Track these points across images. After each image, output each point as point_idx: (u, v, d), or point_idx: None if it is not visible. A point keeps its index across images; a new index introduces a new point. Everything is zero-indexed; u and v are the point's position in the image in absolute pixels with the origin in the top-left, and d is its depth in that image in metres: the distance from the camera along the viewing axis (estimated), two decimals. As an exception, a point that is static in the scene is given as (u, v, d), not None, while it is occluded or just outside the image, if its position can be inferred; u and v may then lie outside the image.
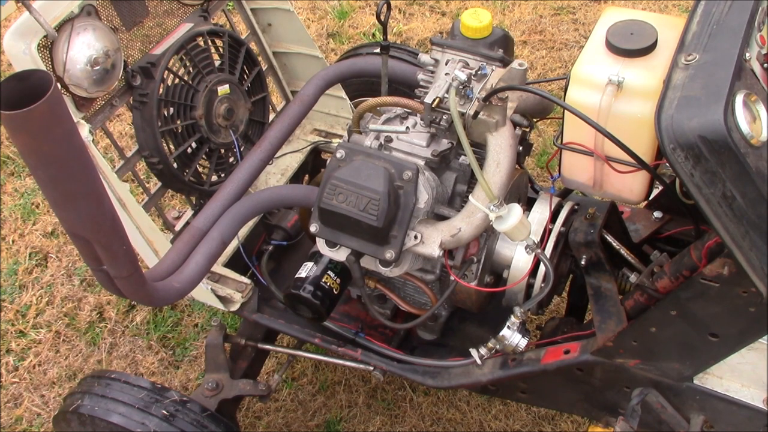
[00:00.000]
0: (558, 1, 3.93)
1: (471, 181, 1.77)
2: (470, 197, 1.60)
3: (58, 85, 1.36)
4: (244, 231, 2.23)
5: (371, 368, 1.99)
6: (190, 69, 2.11)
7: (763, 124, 1.23)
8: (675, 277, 1.55)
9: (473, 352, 1.80)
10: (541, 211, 1.80)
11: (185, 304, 2.82)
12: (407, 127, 1.73)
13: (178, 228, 2.24)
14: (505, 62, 1.72)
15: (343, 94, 2.49)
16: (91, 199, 1.29)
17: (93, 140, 1.78)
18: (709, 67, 1.28)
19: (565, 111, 1.54)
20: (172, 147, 2.10)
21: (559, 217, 1.79)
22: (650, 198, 1.74)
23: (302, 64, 2.49)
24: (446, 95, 1.61)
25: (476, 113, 1.59)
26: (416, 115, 1.78)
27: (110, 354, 2.71)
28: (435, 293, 1.86)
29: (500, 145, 1.63)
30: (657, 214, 1.84)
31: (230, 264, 2.17)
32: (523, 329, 1.73)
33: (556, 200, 1.83)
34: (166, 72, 2.03)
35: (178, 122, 2.08)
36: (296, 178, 2.45)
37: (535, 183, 2.05)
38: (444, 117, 1.66)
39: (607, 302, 1.69)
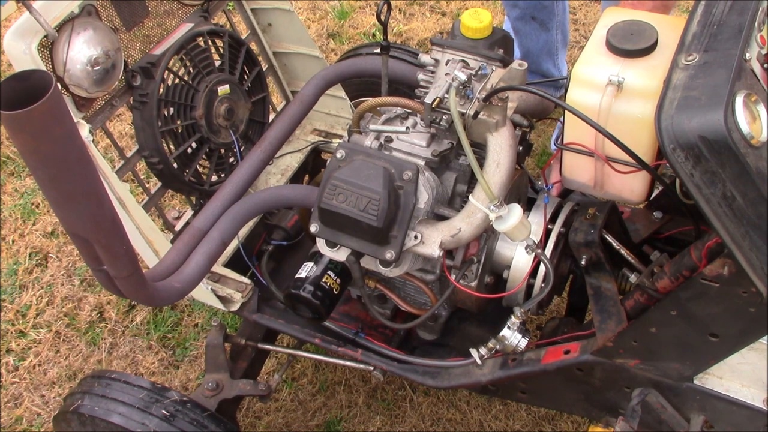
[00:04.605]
0: (558, 1, 3.92)
1: (471, 181, 1.77)
2: (470, 197, 1.60)
3: (58, 85, 1.36)
4: (244, 231, 2.23)
5: (371, 368, 1.99)
6: (190, 69, 2.11)
7: (763, 124, 1.23)
8: (675, 277, 1.55)
9: (473, 352, 1.80)
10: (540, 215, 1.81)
11: (185, 304, 2.82)
12: (407, 127, 1.73)
13: (178, 228, 2.24)
14: (505, 62, 1.72)
15: (343, 94, 2.49)
16: (91, 199, 1.29)
17: (93, 140, 1.78)
18: (709, 67, 1.28)
19: (566, 111, 1.54)
20: (172, 147, 2.10)
21: (559, 217, 1.79)
22: (650, 198, 1.75)
23: (302, 64, 2.49)
24: (446, 95, 1.61)
25: (476, 113, 1.59)
26: (416, 115, 1.78)
27: (110, 354, 2.71)
28: (435, 293, 1.86)
29: (500, 145, 1.63)
30: (657, 214, 1.85)
31: (230, 264, 2.17)
32: (523, 329, 1.73)
33: (555, 201, 1.83)
34: (166, 72, 2.03)
35: (178, 122, 2.08)
36: (296, 178, 2.45)
37: (535, 183, 2.06)
38: (444, 117, 1.66)
39: (607, 302, 1.69)
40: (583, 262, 1.73)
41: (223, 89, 2.16)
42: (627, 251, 1.74)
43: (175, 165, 2.10)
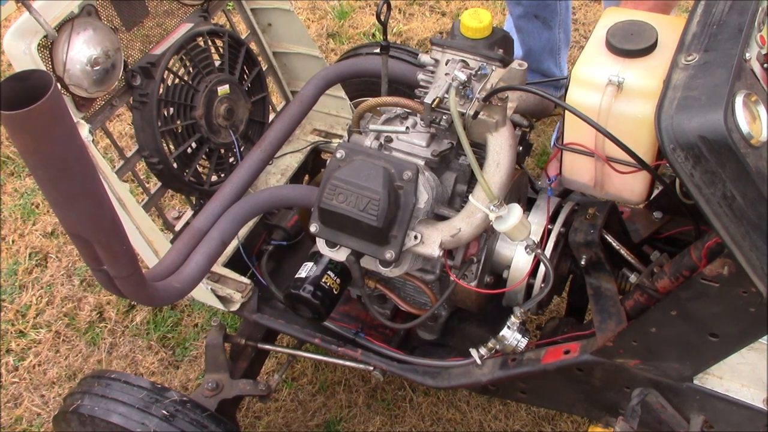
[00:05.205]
0: (558, 1, 3.92)
1: (471, 181, 1.77)
2: (470, 197, 1.60)
3: (58, 85, 1.36)
4: (244, 231, 2.23)
5: (371, 368, 1.99)
6: (190, 69, 2.11)
7: (763, 124, 1.23)
8: (675, 277, 1.55)
9: (473, 352, 1.80)
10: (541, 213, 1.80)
11: (185, 304, 2.82)
12: (407, 127, 1.73)
13: (178, 228, 2.24)
14: (505, 62, 1.72)
15: (343, 94, 2.49)
16: (91, 199, 1.29)
17: (93, 140, 1.78)
18: (709, 67, 1.28)
19: (566, 111, 1.54)
20: (172, 147, 2.10)
21: (559, 217, 1.79)
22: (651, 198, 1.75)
23: (302, 64, 2.49)
24: (446, 95, 1.61)
25: (476, 113, 1.59)
26: (416, 115, 1.78)
27: (110, 354, 2.71)
28: (435, 293, 1.86)
29: (500, 145, 1.63)
30: (657, 214, 1.85)
31: (230, 264, 2.17)
32: (523, 329, 1.73)
33: (555, 201, 1.83)
34: (166, 72, 2.03)
35: (178, 122, 2.08)
36: (296, 178, 2.45)
37: (535, 183, 2.06)
38: (444, 117, 1.66)
39: (607, 302, 1.69)
40: (583, 262, 1.73)
41: (223, 89, 2.16)
42: (627, 251, 1.74)
43: (175, 165, 2.10)
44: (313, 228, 1.67)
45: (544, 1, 3.00)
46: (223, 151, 2.25)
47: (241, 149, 2.26)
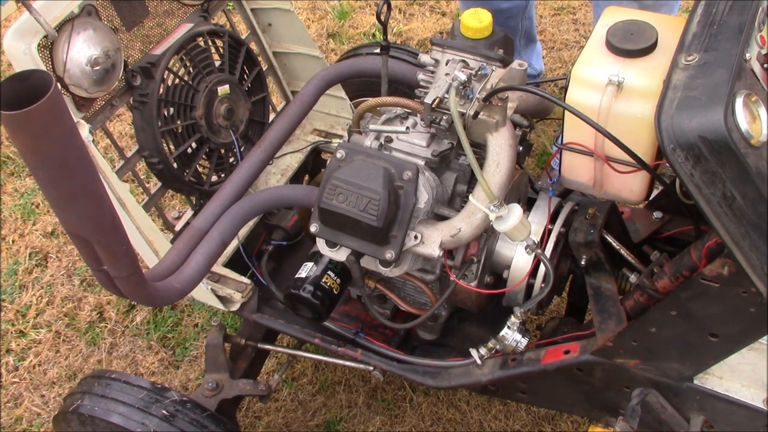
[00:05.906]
0: (558, 1, 3.93)
1: (471, 181, 1.77)
2: (470, 197, 1.60)
3: (58, 85, 1.36)
4: (244, 231, 2.23)
5: (371, 368, 1.99)
6: (190, 69, 2.11)
7: (763, 124, 1.23)
8: (675, 277, 1.55)
9: (473, 352, 1.80)
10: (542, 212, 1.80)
11: (185, 304, 2.82)
12: (407, 127, 1.73)
13: (178, 228, 2.24)
14: (505, 62, 1.72)
15: (343, 94, 2.49)
16: (91, 199, 1.29)
17: (93, 140, 1.78)
18: (709, 67, 1.28)
19: (565, 111, 1.54)
20: (172, 147, 2.10)
21: (559, 217, 1.79)
22: (650, 198, 1.75)
23: (302, 64, 2.49)
24: (446, 95, 1.61)
25: (476, 113, 1.59)
26: (416, 116, 1.78)
27: (110, 354, 2.71)
28: (435, 293, 1.86)
29: (500, 145, 1.63)
30: (657, 214, 1.85)
31: (230, 264, 2.17)
32: (523, 329, 1.73)
33: (555, 201, 1.83)
34: (166, 72, 2.03)
35: (178, 122, 2.08)
36: (296, 178, 2.45)
37: (535, 183, 2.06)
38: (444, 117, 1.66)
39: (607, 302, 1.69)
40: (583, 262, 1.73)
41: (223, 89, 2.16)
42: (627, 251, 1.74)
43: (175, 165, 2.10)
44: (313, 228, 1.67)
45: (506, 23, 3.02)
46: (223, 151, 2.25)
47: (241, 149, 2.26)
